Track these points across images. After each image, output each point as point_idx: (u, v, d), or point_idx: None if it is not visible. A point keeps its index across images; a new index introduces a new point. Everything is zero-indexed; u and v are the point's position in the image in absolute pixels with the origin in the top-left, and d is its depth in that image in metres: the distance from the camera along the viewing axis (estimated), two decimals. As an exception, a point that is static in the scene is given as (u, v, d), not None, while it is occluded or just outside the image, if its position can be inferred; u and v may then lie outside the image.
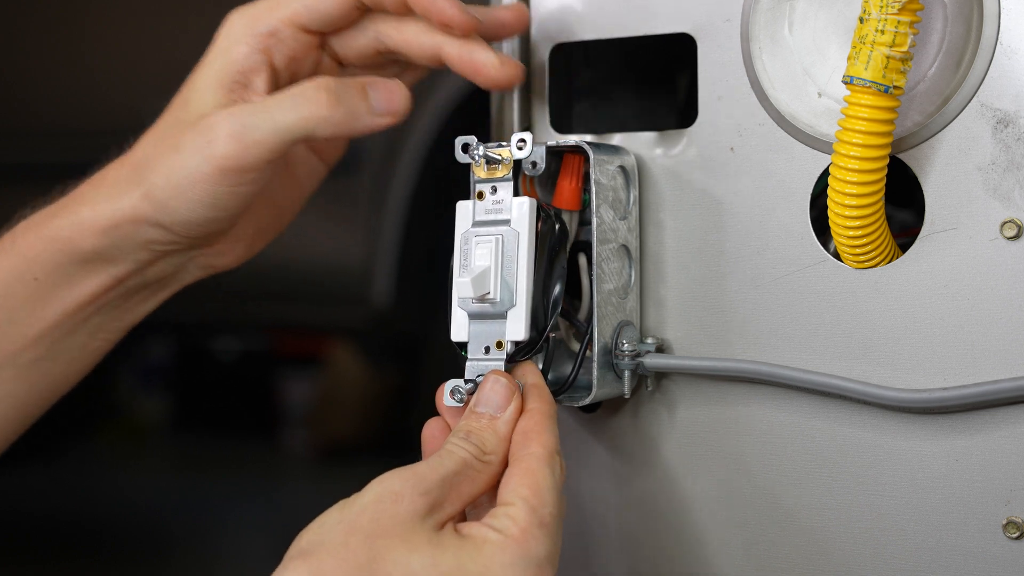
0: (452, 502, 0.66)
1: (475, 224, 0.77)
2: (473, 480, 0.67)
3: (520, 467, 0.68)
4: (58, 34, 2.65)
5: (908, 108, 0.74)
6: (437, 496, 0.65)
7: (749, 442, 0.82)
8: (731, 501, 0.83)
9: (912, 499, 0.77)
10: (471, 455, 0.68)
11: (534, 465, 0.68)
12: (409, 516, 0.64)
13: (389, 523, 0.63)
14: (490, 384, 0.72)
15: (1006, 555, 0.74)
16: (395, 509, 0.64)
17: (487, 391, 0.71)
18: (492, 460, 0.69)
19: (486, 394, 0.71)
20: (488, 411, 0.71)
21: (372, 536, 0.63)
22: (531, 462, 0.68)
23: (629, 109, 0.94)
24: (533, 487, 0.66)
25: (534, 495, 0.66)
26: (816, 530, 0.80)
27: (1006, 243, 0.73)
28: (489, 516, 0.66)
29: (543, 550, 0.65)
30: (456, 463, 0.67)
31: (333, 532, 0.64)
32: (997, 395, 0.73)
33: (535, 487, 0.66)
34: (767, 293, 0.80)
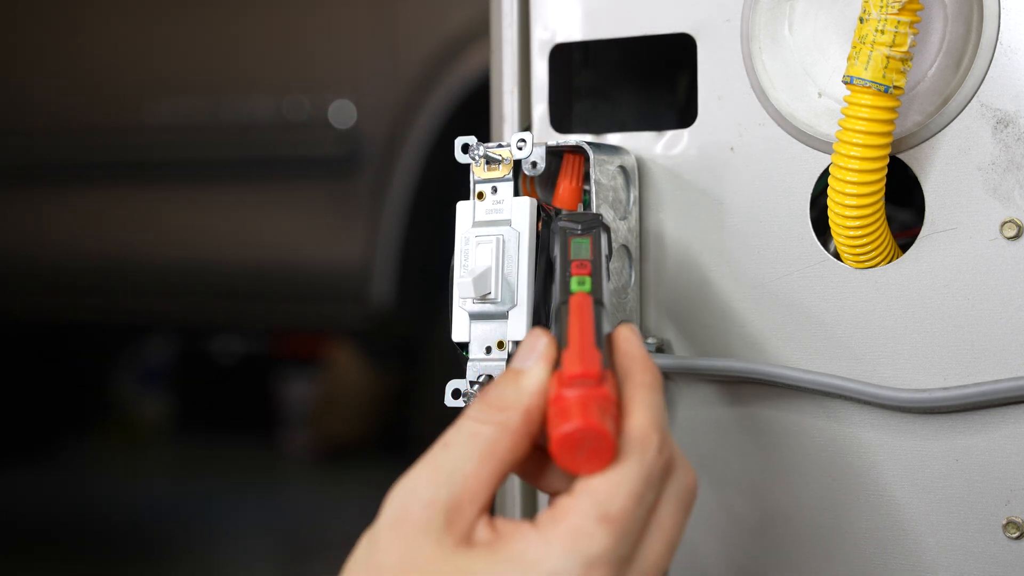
0: (475, 494, 0.57)
1: (475, 224, 0.77)
2: (493, 454, 0.57)
3: None
4: (58, 33, 2.65)
5: (908, 108, 0.74)
6: (448, 497, 0.56)
7: (749, 442, 0.82)
8: (731, 501, 0.83)
9: (912, 499, 0.77)
10: (478, 420, 0.58)
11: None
12: (423, 539, 0.55)
13: (404, 556, 0.55)
14: (524, 339, 0.63)
15: (1006, 555, 0.74)
16: (406, 533, 0.56)
17: (520, 346, 0.62)
18: (511, 419, 0.58)
19: (519, 350, 0.62)
20: (516, 366, 0.61)
21: (390, 575, 0.55)
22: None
23: (629, 109, 0.94)
24: (604, 474, 0.56)
25: (603, 484, 0.56)
26: (816, 530, 0.80)
27: (1006, 243, 0.73)
28: (547, 507, 0.57)
29: (598, 548, 0.55)
30: (465, 441, 0.58)
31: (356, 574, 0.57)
32: (997, 395, 0.73)
33: (607, 474, 0.56)
34: (767, 293, 0.80)
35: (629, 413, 0.59)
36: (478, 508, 0.57)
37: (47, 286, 2.73)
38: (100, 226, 2.61)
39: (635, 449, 0.57)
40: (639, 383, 0.60)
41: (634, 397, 0.59)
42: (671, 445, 0.59)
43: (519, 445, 0.58)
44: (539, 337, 0.61)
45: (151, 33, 2.50)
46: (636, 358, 0.62)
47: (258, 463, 3.70)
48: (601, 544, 0.55)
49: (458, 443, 0.58)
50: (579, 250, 0.69)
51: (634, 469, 0.57)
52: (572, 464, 0.56)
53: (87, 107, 2.59)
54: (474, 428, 0.58)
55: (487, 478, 0.57)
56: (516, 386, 0.59)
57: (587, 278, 0.66)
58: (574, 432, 0.56)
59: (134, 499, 3.38)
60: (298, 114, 2.33)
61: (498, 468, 0.58)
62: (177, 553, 2.87)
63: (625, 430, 0.58)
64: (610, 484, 0.56)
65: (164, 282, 2.56)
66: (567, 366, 0.58)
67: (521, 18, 0.88)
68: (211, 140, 2.44)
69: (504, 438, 0.58)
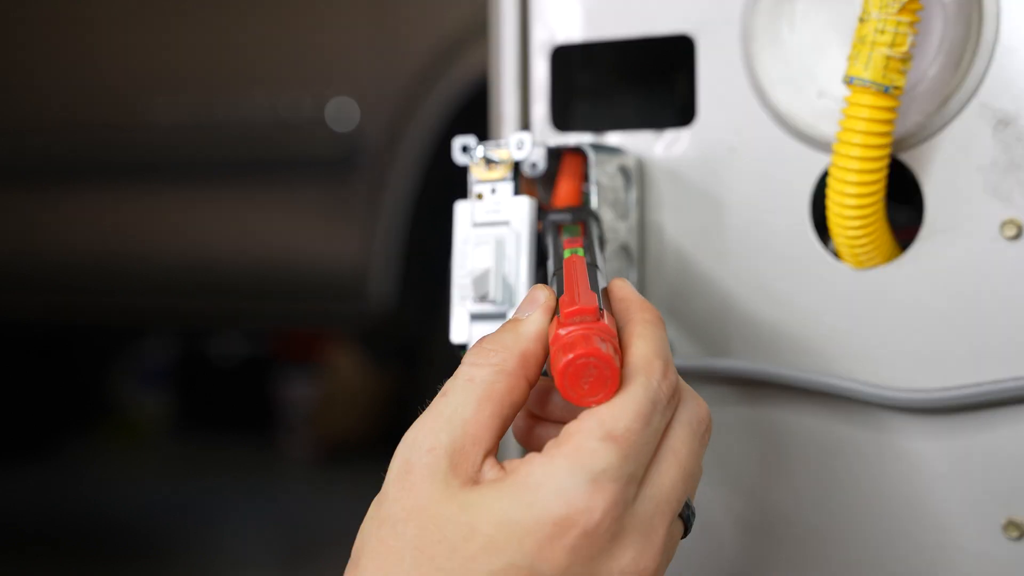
0: (476, 438, 0.56)
1: (475, 225, 0.77)
2: (491, 396, 0.57)
3: None
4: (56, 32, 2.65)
5: (908, 108, 0.74)
6: (449, 442, 0.56)
7: (749, 442, 0.82)
8: (731, 501, 0.83)
9: (912, 499, 0.77)
10: (475, 364, 0.58)
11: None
12: (429, 485, 0.55)
13: (412, 503, 0.55)
14: (526, 296, 0.63)
15: (1006, 555, 0.74)
16: (412, 482, 0.56)
17: (522, 302, 0.62)
18: (507, 360, 0.58)
19: (521, 304, 0.62)
20: (516, 315, 0.61)
21: (400, 523, 0.55)
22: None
23: (629, 108, 0.94)
24: (609, 399, 0.56)
25: (607, 406, 0.55)
26: (816, 530, 0.80)
27: (1006, 243, 0.73)
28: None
29: (603, 463, 0.53)
30: (462, 386, 0.57)
31: (368, 532, 0.57)
32: (997, 395, 0.73)
33: (612, 399, 0.56)
34: (767, 293, 0.80)
35: (630, 344, 0.58)
36: (482, 450, 0.56)
37: (47, 286, 2.73)
38: (99, 226, 2.61)
39: (638, 373, 0.57)
40: (638, 320, 0.60)
41: (634, 331, 0.59)
42: (676, 374, 0.59)
43: (516, 387, 0.58)
44: (540, 291, 0.62)
45: (155, 33, 2.50)
46: (633, 300, 0.62)
47: (258, 463, 3.70)
48: (606, 460, 0.54)
49: (455, 389, 0.58)
50: (570, 231, 0.71)
51: (639, 392, 0.56)
52: (578, 395, 0.56)
53: (84, 107, 2.59)
54: (470, 372, 0.58)
55: (487, 420, 0.57)
56: (514, 331, 0.60)
57: (579, 248, 0.67)
58: (576, 358, 0.55)
59: (134, 499, 3.38)
60: (296, 113, 2.33)
61: (497, 410, 0.57)
62: (177, 553, 2.87)
63: (627, 359, 0.58)
64: (613, 406, 0.55)
65: (164, 282, 2.56)
66: (565, 307, 0.58)
67: (521, 18, 0.88)
68: (209, 140, 2.44)
69: (500, 380, 0.58)
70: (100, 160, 2.59)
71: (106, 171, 2.59)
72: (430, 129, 2.18)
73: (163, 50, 2.48)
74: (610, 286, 0.64)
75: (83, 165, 2.60)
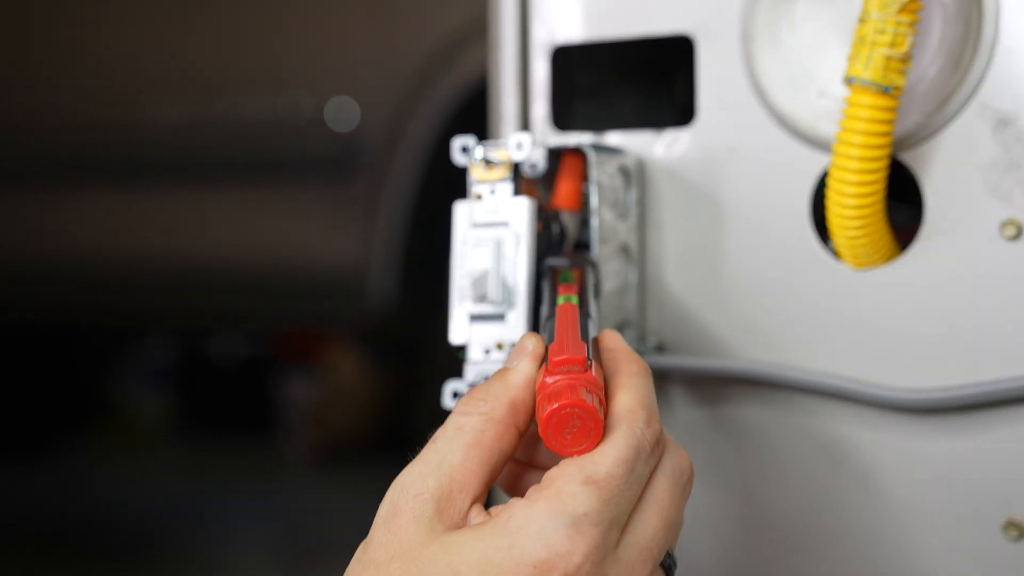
0: (464, 484, 0.57)
1: (474, 226, 0.77)
2: (480, 444, 0.58)
3: None
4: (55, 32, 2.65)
5: (908, 108, 0.74)
6: (437, 487, 0.56)
7: (749, 442, 0.82)
8: (730, 500, 0.82)
9: (912, 499, 0.77)
10: (464, 412, 0.59)
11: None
12: (414, 529, 0.56)
13: (396, 546, 0.55)
14: (516, 344, 0.64)
15: (1006, 556, 0.74)
16: (398, 526, 0.56)
17: (512, 350, 0.63)
18: (496, 409, 0.59)
19: (511, 353, 0.63)
20: (506, 364, 0.62)
21: (384, 565, 0.55)
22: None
23: (629, 108, 0.94)
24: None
25: (590, 453, 0.56)
26: (816, 530, 0.80)
27: (1006, 243, 0.73)
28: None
29: (583, 507, 0.54)
30: (451, 434, 0.58)
31: (353, 575, 0.57)
32: (997, 395, 0.73)
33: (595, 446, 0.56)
34: (767, 293, 0.80)
35: (615, 395, 0.59)
36: (469, 497, 0.57)
37: (47, 286, 2.73)
38: (99, 226, 2.61)
39: (622, 422, 0.58)
40: (625, 371, 0.61)
41: (620, 383, 0.60)
42: (659, 424, 0.59)
43: (505, 435, 0.59)
44: (529, 339, 0.63)
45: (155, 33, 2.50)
46: (621, 351, 0.63)
47: (258, 463, 3.70)
48: (587, 504, 0.54)
49: (445, 436, 0.58)
50: (566, 278, 0.71)
51: (621, 439, 0.57)
52: (561, 444, 0.57)
53: (84, 107, 2.59)
54: (460, 421, 0.59)
55: (475, 468, 0.57)
56: (503, 380, 0.60)
57: (573, 295, 0.67)
58: (560, 408, 0.56)
59: (134, 499, 3.37)
60: (296, 113, 2.33)
61: (486, 457, 0.58)
62: (177, 553, 2.87)
63: (612, 408, 0.58)
64: (595, 451, 0.56)
65: (164, 282, 2.56)
66: (553, 355, 0.59)
67: (521, 18, 0.88)
68: (209, 140, 2.44)
69: (490, 428, 0.58)
70: (100, 160, 2.59)
71: (106, 171, 2.59)
72: (430, 129, 2.18)
73: (163, 50, 2.48)
74: (600, 336, 0.65)
75: (83, 165, 2.60)
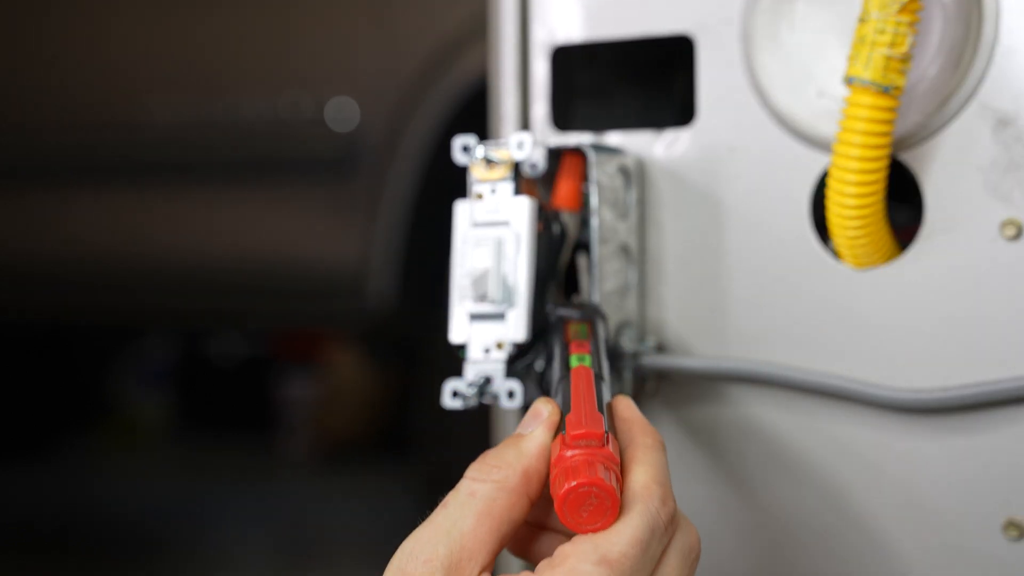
0: (473, 552, 0.57)
1: (474, 225, 0.77)
2: (490, 512, 0.58)
3: None
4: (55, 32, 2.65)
5: (908, 108, 0.74)
6: (447, 554, 0.56)
7: (749, 442, 0.82)
8: (731, 500, 0.82)
9: (912, 499, 0.77)
10: (477, 479, 0.59)
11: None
12: None
13: None
14: (530, 408, 0.64)
15: (1006, 555, 0.74)
16: None
17: (526, 415, 0.63)
18: (508, 477, 0.59)
19: (524, 417, 0.63)
20: (519, 431, 0.62)
21: None
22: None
23: (629, 108, 0.94)
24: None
25: (605, 531, 0.56)
26: (815, 530, 0.80)
27: (1006, 243, 0.73)
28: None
29: None
30: (463, 500, 0.58)
31: None
32: (997, 395, 0.73)
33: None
34: (767, 293, 0.80)
35: (631, 471, 0.59)
36: (478, 566, 0.57)
37: (47, 286, 2.73)
38: (99, 226, 2.60)
39: (637, 500, 0.58)
40: (640, 444, 0.61)
41: (635, 456, 0.60)
42: (674, 501, 0.60)
43: (517, 504, 0.59)
44: (543, 404, 0.63)
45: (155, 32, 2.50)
46: (636, 422, 0.63)
47: (258, 464, 3.70)
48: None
49: (456, 502, 0.58)
50: (577, 334, 0.71)
51: (636, 519, 0.57)
52: (576, 522, 0.57)
53: (84, 107, 2.59)
54: (472, 487, 0.59)
55: (485, 536, 0.57)
56: (517, 448, 0.60)
57: (586, 356, 0.67)
58: (579, 487, 0.56)
59: (134, 499, 3.37)
60: (296, 113, 2.33)
61: (496, 526, 0.58)
62: (177, 553, 2.87)
63: (627, 484, 0.59)
64: (611, 531, 0.56)
65: (164, 282, 2.56)
66: (571, 428, 0.59)
67: (521, 18, 0.88)
68: (209, 140, 2.44)
69: (502, 497, 0.58)
70: (100, 160, 2.59)
71: (106, 171, 2.59)
72: (430, 129, 2.18)
73: (163, 50, 2.48)
74: (614, 404, 0.65)
75: (83, 165, 2.60)
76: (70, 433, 3.96)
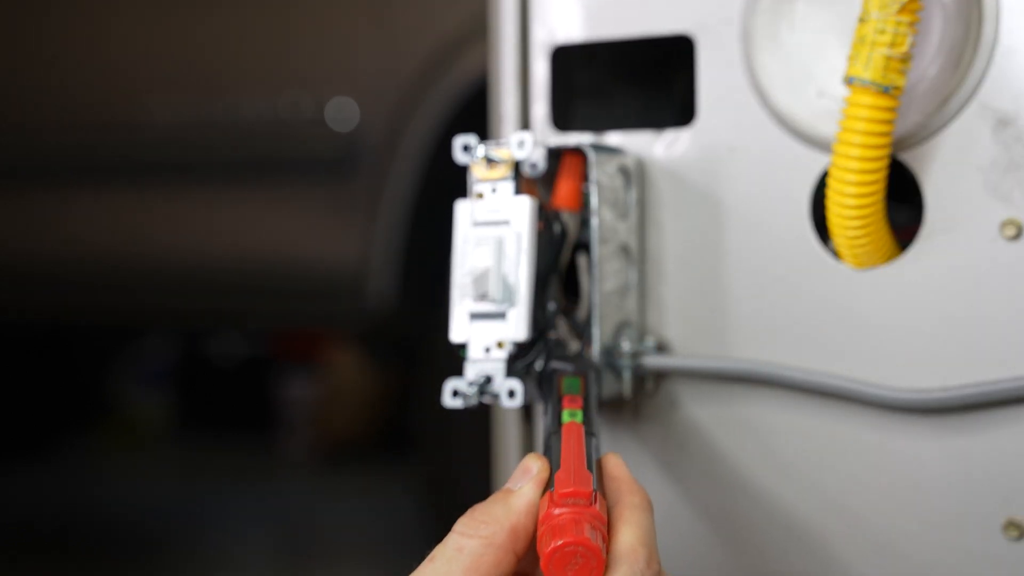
0: None
1: (475, 224, 0.77)
2: (477, 568, 0.58)
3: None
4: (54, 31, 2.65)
5: (908, 108, 0.74)
6: None
7: (749, 442, 0.82)
8: (731, 500, 0.82)
9: (912, 499, 0.77)
10: (464, 534, 0.60)
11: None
12: None
13: None
14: (519, 464, 0.64)
15: (1006, 555, 0.74)
16: None
17: (515, 470, 0.64)
18: (496, 533, 0.59)
19: (513, 473, 0.64)
20: (508, 486, 0.63)
21: None
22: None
23: (629, 108, 0.94)
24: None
25: None
26: (816, 530, 0.80)
27: (1006, 243, 0.73)
28: None
29: None
30: (450, 555, 0.59)
31: None
32: (997, 395, 0.73)
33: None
34: (767, 293, 0.80)
35: (617, 531, 0.60)
36: None
37: (47, 286, 2.73)
38: (99, 226, 2.60)
39: (623, 561, 0.58)
40: (628, 504, 0.62)
41: (622, 516, 0.61)
42: (658, 562, 0.60)
43: (504, 561, 0.59)
44: (533, 461, 0.63)
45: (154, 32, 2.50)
46: (625, 481, 0.64)
47: (258, 464, 3.70)
48: None
49: (443, 557, 0.59)
50: (570, 387, 0.72)
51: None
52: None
53: (84, 107, 2.59)
54: (459, 542, 0.59)
55: None
56: (505, 504, 0.61)
57: (578, 411, 0.68)
58: (565, 546, 0.57)
59: (134, 499, 3.37)
60: (296, 113, 2.33)
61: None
62: (177, 553, 2.87)
63: (614, 545, 0.59)
64: None
65: (164, 282, 2.56)
66: (559, 486, 0.60)
67: (521, 18, 0.88)
68: (209, 140, 2.44)
69: (489, 553, 0.59)
70: (100, 160, 2.58)
71: (106, 171, 2.58)
72: (430, 129, 2.17)
73: (163, 50, 2.48)
74: (604, 461, 0.66)
75: (83, 165, 2.60)
76: (70, 433, 3.96)
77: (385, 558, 2.56)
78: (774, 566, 0.82)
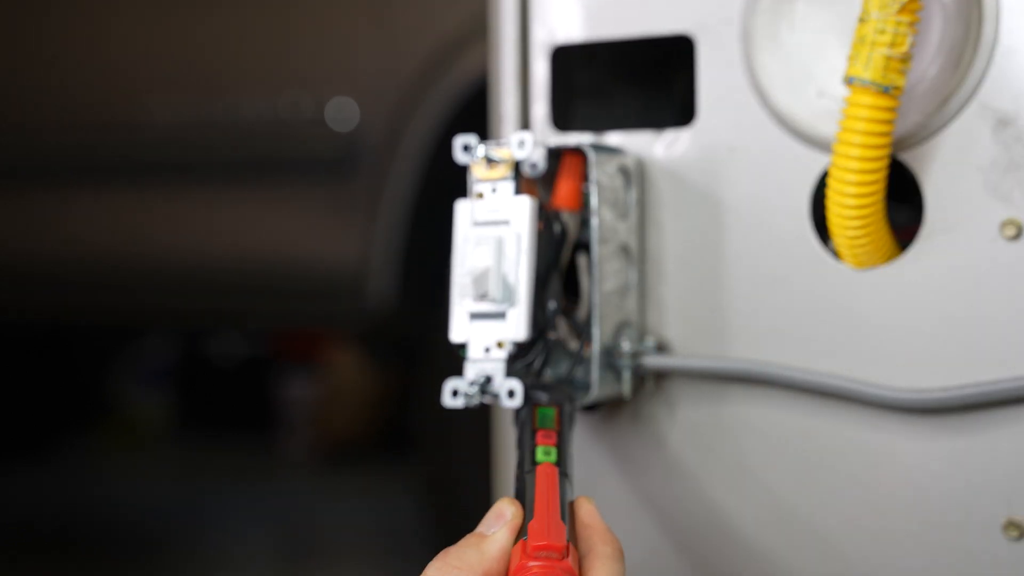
0: None
1: (475, 224, 0.77)
2: None
3: None
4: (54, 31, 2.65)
5: (908, 108, 0.74)
6: None
7: (749, 442, 0.82)
8: (731, 500, 0.82)
9: (912, 499, 0.77)
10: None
11: None
12: None
13: None
14: (492, 508, 0.65)
15: (1006, 555, 0.74)
16: None
17: (488, 513, 0.65)
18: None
19: (486, 516, 0.65)
20: (481, 530, 0.64)
21: None
22: None
23: (629, 108, 0.94)
24: None
25: None
26: (816, 530, 0.80)
27: (1006, 243, 0.73)
28: None
29: None
30: None
31: None
32: (997, 395, 0.73)
33: None
34: (767, 293, 0.80)
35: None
36: None
37: (47, 286, 2.73)
38: (99, 226, 2.60)
39: None
40: (599, 554, 0.63)
41: (593, 566, 0.62)
42: None
43: None
44: (507, 505, 0.64)
45: (154, 32, 2.50)
46: (597, 530, 0.65)
47: (258, 464, 3.70)
48: None
49: None
50: (544, 420, 0.72)
51: None
52: None
53: (84, 107, 2.59)
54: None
55: None
56: (478, 549, 0.62)
57: (552, 448, 0.68)
58: None
59: (134, 499, 3.37)
60: (296, 113, 2.33)
61: None
62: (177, 553, 2.87)
63: None
64: None
65: (164, 282, 2.56)
66: (533, 537, 0.60)
67: (521, 18, 0.88)
68: (209, 140, 2.44)
69: None
70: (100, 160, 2.58)
71: (106, 171, 2.58)
72: (430, 129, 2.17)
73: (163, 50, 2.48)
74: (576, 508, 0.66)
75: (83, 165, 2.60)
76: (70, 433, 3.96)
77: (385, 558, 2.56)
78: (774, 565, 0.81)
